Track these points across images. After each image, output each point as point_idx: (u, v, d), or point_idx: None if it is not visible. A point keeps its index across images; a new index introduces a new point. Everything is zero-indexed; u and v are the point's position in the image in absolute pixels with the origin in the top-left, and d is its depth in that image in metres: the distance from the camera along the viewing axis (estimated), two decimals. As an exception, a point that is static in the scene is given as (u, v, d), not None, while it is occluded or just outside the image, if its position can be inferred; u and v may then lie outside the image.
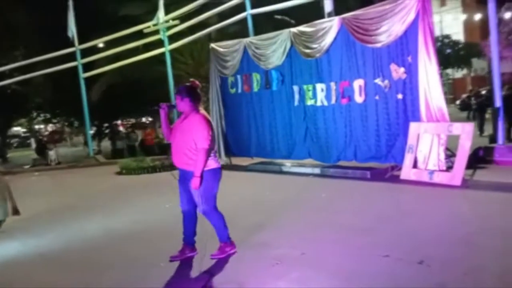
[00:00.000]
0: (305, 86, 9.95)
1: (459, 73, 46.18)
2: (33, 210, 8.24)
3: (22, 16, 20.11)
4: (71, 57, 17.11)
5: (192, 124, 4.56)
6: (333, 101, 9.44)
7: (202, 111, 4.69)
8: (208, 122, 4.58)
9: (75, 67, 17.09)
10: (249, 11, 12.67)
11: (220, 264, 4.64)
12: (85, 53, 17.14)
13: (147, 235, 6.08)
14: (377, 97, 8.70)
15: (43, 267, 5.22)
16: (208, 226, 4.82)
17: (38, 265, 5.30)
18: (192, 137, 4.52)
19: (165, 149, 17.18)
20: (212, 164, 4.61)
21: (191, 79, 4.89)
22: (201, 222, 4.86)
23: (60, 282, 4.64)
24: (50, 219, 7.50)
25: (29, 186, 12.85)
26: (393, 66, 8.35)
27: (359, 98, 8.98)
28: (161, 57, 15.67)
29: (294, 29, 10.07)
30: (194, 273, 4.52)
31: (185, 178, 4.71)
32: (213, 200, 4.69)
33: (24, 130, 39.81)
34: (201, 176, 4.49)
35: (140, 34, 15.73)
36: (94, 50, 17.63)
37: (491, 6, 9.02)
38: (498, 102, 9.23)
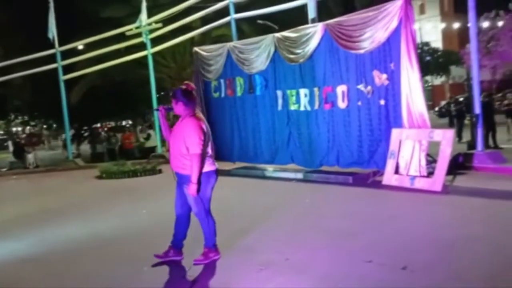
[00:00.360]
0: (288, 91, 9.98)
1: (438, 80, 47.04)
2: (11, 213, 8.09)
3: (1, 16, 19.77)
4: (51, 59, 16.86)
5: (184, 128, 4.51)
6: (316, 106, 9.49)
7: (198, 114, 4.63)
8: (201, 127, 4.49)
9: (55, 69, 16.85)
10: (233, 16, 12.69)
11: (204, 269, 4.60)
12: (66, 55, 16.91)
13: (128, 240, 6.00)
14: (359, 103, 8.77)
15: (21, 270, 5.10)
16: (197, 232, 4.77)
17: (17, 268, 5.18)
18: (183, 142, 4.47)
19: (146, 153, 17.06)
20: (205, 167, 4.55)
21: (186, 82, 4.85)
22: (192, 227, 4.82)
23: (45, 284, 4.55)
24: (28, 223, 7.33)
25: (7, 190, 12.59)
26: (376, 73, 8.44)
27: (342, 104, 9.05)
28: (143, 60, 15.56)
29: (278, 34, 10.10)
30: (178, 277, 4.47)
31: (180, 181, 4.66)
32: (207, 203, 4.64)
33: (1, 132, 39.05)
34: (198, 182, 4.45)
35: (122, 37, 15.60)
36: (75, 52, 17.40)
37: (472, 14, 9.21)
38: (477, 109, 9.40)
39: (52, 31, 16.21)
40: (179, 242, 4.85)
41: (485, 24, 21.43)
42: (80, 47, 17.63)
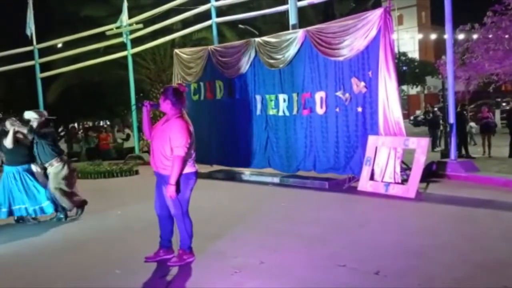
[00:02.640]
0: (267, 96, 10.02)
1: (413, 90, 47.87)
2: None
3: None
4: (28, 56, 16.56)
5: (171, 129, 4.47)
6: (294, 111, 9.55)
7: (185, 116, 4.61)
8: (188, 130, 4.48)
9: (32, 67, 16.55)
10: (215, 19, 12.70)
11: (178, 270, 4.58)
12: (43, 52, 16.63)
13: (100, 241, 5.92)
14: (337, 110, 8.87)
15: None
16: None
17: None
18: (169, 142, 4.44)
19: (123, 153, 16.88)
20: (186, 168, 4.53)
21: (178, 82, 4.86)
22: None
23: (9, 289, 4.45)
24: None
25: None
26: (354, 80, 8.55)
27: (320, 110, 9.13)
28: (122, 60, 15.42)
29: (259, 39, 10.15)
30: (151, 280, 4.43)
31: (158, 182, 4.65)
32: (185, 205, 4.61)
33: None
34: (177, 184, 4.43)
35: (100, 36, 15.43)
36: (53, 50, 17.13)
37: (448, 27, 9.43)
38: (451, 119, 9.61)
39: (30, 28, 15.93)
40: (166, 242, 4.83)
41: (461, 36, 21.93)
42: (59, 45, 17.37)
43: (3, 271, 4.99)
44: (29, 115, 6.87)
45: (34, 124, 6.75)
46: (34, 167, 6.93)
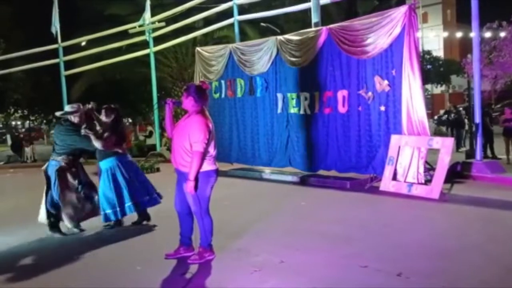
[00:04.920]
0: (289, 94, 9.97)
1: (437, 89, 47.09)
2: (4, 207, 8.04)
3: (3, 9, 19.75)
4: (53, 54, 16.85)
5: (191, 125, 4.50)
6: (316, 110, 9.48)
7: (205, 113, 4.62)
8: (207, 125, 4.48)
9: (56, 65, 16.83)
10: (237, 17, 12.69)
11: (198, 268, 4.58)
12: (67, 50, 16.90)
13: (120, 238, 5.94)
14: (360, 108, 8.76)
15: (13, 266, 5.06)
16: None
17: (8, 263, 5.14)
18: (188, 138, 4.46)
19: (144, 151, 17.02)
20: (205, 166, 4.53)
21: (201, 80, 4.87)
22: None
23: (32, 282, 4.50)
24: (22, 216, 7.25)
25: (3, 183, 12.56)
26: (377, 78, 8.43)
27: (342, 109, 9.04)
28: (144, 58, 15.57)
29: (280, 37, 10.10)
30: (172, 277, 4.44)
31: (179, 178, 4.66)
32: (205, 202, 4.61)
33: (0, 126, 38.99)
34: (196, 180, 4.44)
35: (123, 35, 15.59)
36: (77, 48, 17.39)
37: (474, 24, 9.22)
38: (477, 119, 9.40)
39: (56, 26, 16.21)
40: (186, 239, 4.84)
41: (487, 35, 21.46)
42: (83, 43, 17.63)
43: (25, 263, 5.07)
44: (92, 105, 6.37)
45: (75, 119, 6.17)
46: None
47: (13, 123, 37.01)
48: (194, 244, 4.83)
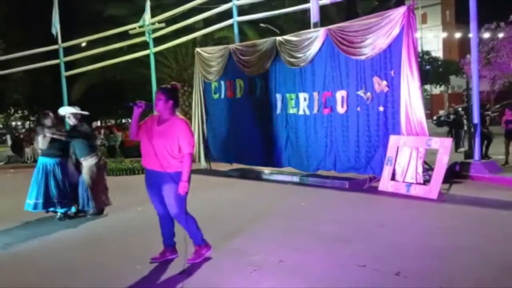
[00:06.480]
0: (288, 95, 10.01)
1: (436, 90, 47.16)
2: (3, 207, 8.05)
3: (2, 9, 19.78)
4: (53, 54, 16.87)
5: (177, 129, 4.54)
6: (315, 110, 9.52)
7: (181, 115, 4.72)
8: (191, 128, 4.67)
9: (57, 65, 16.85)
10: (236, 18, 12.72)
11: (196, 268, 4.61)
12: (68, 51, 16.93)
13: (121, 237, 6.01)
14: (358, 109, 8.80)
15: (12, 266, 5.08)
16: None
17: (8, 264, 5.16)
18: (177, 142, 4.50)
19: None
20: (180, 167, 4.56)
21: (172, 82, 4.88)
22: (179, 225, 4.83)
23: (31, 282, 4.53)
24: (22, 217, 7.26)
25: (2, 183, 12.58)
26: (376, 79, 8.47)
27: (341, 109, 9.07)
28: (144, 59, 15.58)
29: (280, 38, 10.13)
30: (170, 275, 4.47)
31: (155, 181, 4.60)
32: (185, 202, 4.63)
33: (0, 126, 39.01)
34: (188, 181, 4.49)
35: (123, 36, 15.61)
36: (77, 49, 17.42)
37: (473, 25, 9.26)
38: (476, 119, 9.43)
39: (56, 27, 16.23)
40: (170, 240, 4.86)
41: (486, 35, 21.54)
42: (83, 44, 17.65)
43: (26, 265, 5.10)
44: (64, 111, 7.13)
45: (71, 119, 6.97)
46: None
47: (13, 123, 37.02)
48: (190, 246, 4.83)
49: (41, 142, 6.90)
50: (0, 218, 7.14)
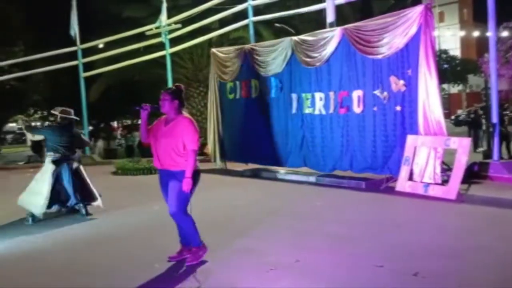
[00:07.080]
0: (303, 95, 9.99)
1: (454, 89, 46.60)
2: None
3: (22, 12, 20.10)
4: (71, 56, 17.10)
5: (181, 127, 4.61)
6: (331, 110, 9.49)
7: (187, 114, 4.78)
8: (196, 125, 4.70)
9: (75, 66, 17.08)
10: (251, 18, 12.75)
11: (213, 267, 4.64)
12: (86, 52, 17.15)
13: (139, 236, 6.06)
14: (375, 108, 8.75)
15: (28, 265, 5.11)
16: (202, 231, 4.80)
17: (24, 263, 5.19)
18: (181, 140, 4.58)
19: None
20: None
21: (176, 84, 4.96)
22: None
23: (46, 283, 4.55)
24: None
25: (22, 183, 12.76)
26: (392, 78, 8.41)
27: (357, 109, 9.03)
28: (160, 60, 15.71)
29: (295, 38, 10.13)
30: (187, 276, 4.50)
31: (166, 181, 4.69)
32: (186, 202, 4.66)
33: (20, 126, 39.60)
34: (192, 177, 4.54)
35: (140, 37, 15.76)
36: (95, 50, 17.64)
37: (491, 23, 9.13)
38: (495, 118, 9.31)
39: (74, 29, 16.45)
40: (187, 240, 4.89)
41: (504, 34, 21.20)
42: (101, 45, 17.86)
43: (37, 265, 5.13)
44: (54, 111, 7.70)
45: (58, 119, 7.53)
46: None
47: (33, 123, 37.60)
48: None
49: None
50: (17, 216, 7.25)
